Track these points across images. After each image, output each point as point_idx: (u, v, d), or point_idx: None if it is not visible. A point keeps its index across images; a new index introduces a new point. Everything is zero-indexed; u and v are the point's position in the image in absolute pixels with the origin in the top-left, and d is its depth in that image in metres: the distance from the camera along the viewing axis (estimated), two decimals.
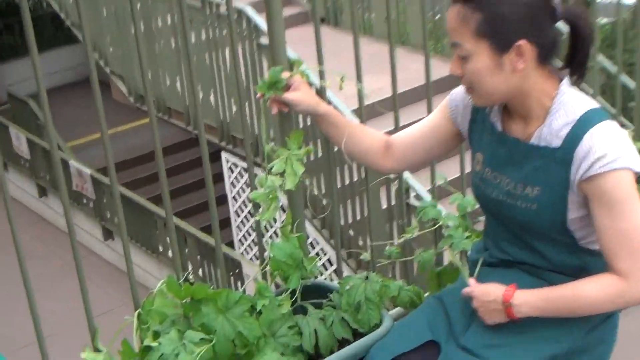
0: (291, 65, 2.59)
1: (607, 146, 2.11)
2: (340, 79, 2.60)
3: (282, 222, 2.61)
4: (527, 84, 2.21)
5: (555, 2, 2.18)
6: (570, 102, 2.20)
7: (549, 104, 2.22)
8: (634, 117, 3.76)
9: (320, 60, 2.77)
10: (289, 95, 2.52)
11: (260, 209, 2.54)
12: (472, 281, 2.35)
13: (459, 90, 2.47)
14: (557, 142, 2.19)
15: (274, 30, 2.66)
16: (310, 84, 2.59)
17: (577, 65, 2.26)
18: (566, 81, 2.24)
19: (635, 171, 2.13)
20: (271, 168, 2.54)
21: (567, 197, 2.19)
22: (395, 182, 2.87)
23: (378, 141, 2.61)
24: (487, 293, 2.29)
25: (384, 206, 6.55)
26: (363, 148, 2.60)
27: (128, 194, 9.91)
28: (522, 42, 2.14)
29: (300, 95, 2.53)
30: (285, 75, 2.54)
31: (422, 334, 2.43)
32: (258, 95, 2.54)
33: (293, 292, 2.54)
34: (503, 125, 2.33)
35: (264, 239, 2.71)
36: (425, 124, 2.57)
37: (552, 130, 2.20)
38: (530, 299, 2.24)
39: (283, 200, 2.64)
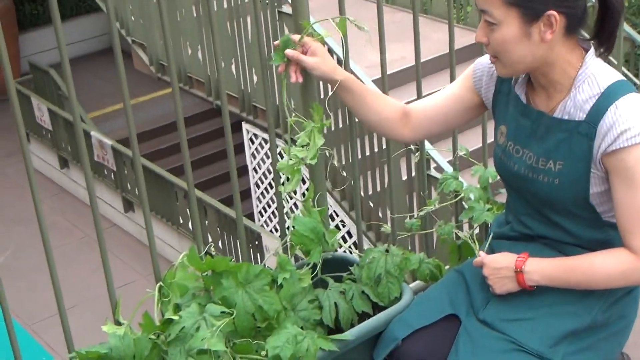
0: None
1: (631, 120, 2.11)
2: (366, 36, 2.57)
3: (303, 193, 2.62)
4: (553, 55, 2.20)
5: None
6: (595, 74, 2.20)
7: (573, 75, 2.21)
8: None
9: (344, 33, 2.74)
10: (308, 60, 2.49)
11: (282, 180, 2.55)
12: (482, 252, 2.37)
13: (484, 60, 2.46)
14: (581, 115, 2.19)
15: None
16: (324, 44, 2.56)
17: (605, 37, 2.25)
18: (592, 52, 2.23)
19: None
20: (295, 140, 2.54)
21: (590, 171, 2.19)
22: (417, 153, 2.84)
23: (396, 110, 2.60)
24: (498, 260, 2.32)
25: (404, 177, 6.55)
26: (381, 117, 2.59)
27: (149, 165, 9.91)
28: (552, 12, 2.13)
29: (317, 60, 2.50)
30: (295, 38, 2.51)
31: (443, 308, 2.44)
32: (279, 68, 2.52)
33: (314, 266, 2.55)
34: (528, 98, 2.33)
35: (284, 211, 2.70)
36: (446, 94, 2.56)
37: (577, 103, 2.20)
38: (542, 267, 2.26)
39: (304, 171, 2.64)
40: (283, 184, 2.57)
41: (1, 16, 13.15)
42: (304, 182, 6.99)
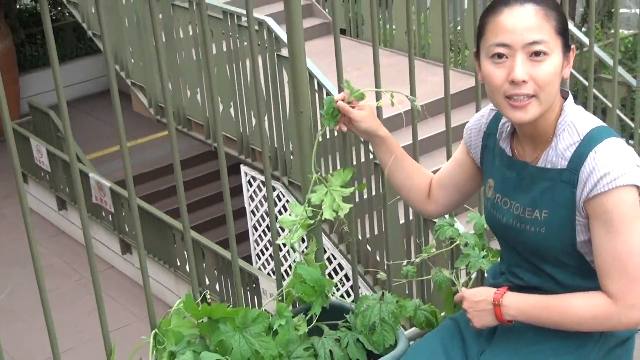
0: (315, 85, 2.57)
1: (610, 164, 2.11)
2: (391, 95, 2.56)
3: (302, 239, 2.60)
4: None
5: None
6: (575, 121, 2.21)
7: (554, 124, 2.23)
8: None
9: (339, 73, 2.75)
10: (355, 112, 2.50)
11: (285, 232, 2.54)
12: (463, 288, 2.38)
13: (473, 119, 2.47)
14: (563, 163, 2.20)
15: (294, 41, 2.67)
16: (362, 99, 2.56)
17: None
18: (570, 100, 2.24)
19: (638, 186, 2.12)
20: (309, 199, 2.54)
21: (575, 219, 2.19)
22: None
23: (426, 179, 2.62)
24: (478, 293, 2.31)
25: (402, 221, 6.54)
26: (412, 182, 2.61)
27: (146, 207, 9.91)
28: (573, 48, 2.17)
29: (364, 114, 2.51)
30: (346, 95, 2.52)
31: (437, 358, 2.41)
32: (337, 127, 2.54)
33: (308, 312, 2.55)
34: (512, 150, 2.33)
35: (281, 254, 2.70)
36: (452, 160, 2.59)
37: (558, 151, 2.21)
38: (518, 302, 2.25)
39: None
40: (284, 232, 2.56)
41: (2, 57, 13.26)
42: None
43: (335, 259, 7.92)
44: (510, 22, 2.13)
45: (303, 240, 2.69)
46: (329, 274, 5.71)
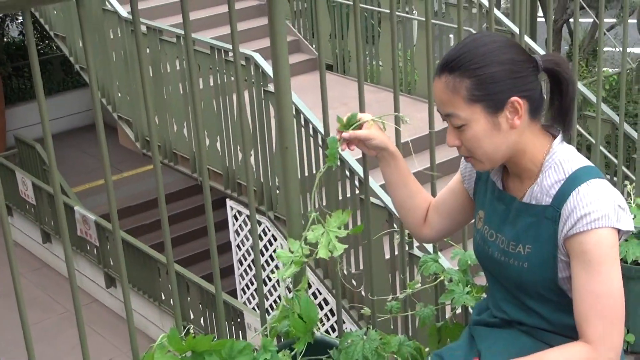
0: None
1: (591, 204, 2.12)
2: (382, 123, 2.57)
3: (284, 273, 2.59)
4: (523, 141, 2.23)
5: (535, 55, 2.21)
6: (562, 160, 2.22)
7: (541, 161, 2.24)
8: (637, 169, 3.75)
9: (324, 108, 2.76)
10: (364, 132, 2.49)
11: (280, 270, 2.53)
12: None
13: None
14: (547, 200, 2.21)
15: (279, 77, 2.68)
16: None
17: (563, 113, 2.27)
18: (559, 139, 2.26)
19: (620, 230, 2.14)
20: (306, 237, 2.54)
21: (556, 255, 2.20)
22: (398, 235, 2.85)
23: (424, 205, 2.62)
24: None
25: (387, 256, 6.53)
26: (414, 202, 2.61)
27: (131, 240, 9.89)
28: (515, 98, 2.16)
29: (373, 132, 2.50)
30: (362, 117, 2.53)
31: None
32: (342, 146, 2.53)
33: (293, 347, 2.54)
34: (503, 183, 2.34)
35: (265, 289, 2.69)
36: (447, 188, 2.59)
37: (543, 188, 2.22)
38: None
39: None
40: (270, 267, 2.56)
41: None
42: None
43: (320, 294, 7.90)
44: (434, 93, 2.25)
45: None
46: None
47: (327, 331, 7.65)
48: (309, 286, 2.70)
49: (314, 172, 7.01)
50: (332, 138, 2.55)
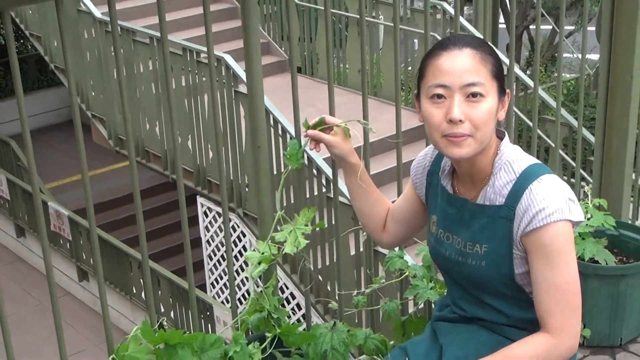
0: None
1: (545, 200, 2.15)
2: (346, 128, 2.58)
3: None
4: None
5: None
6: (511, 160, 2.25)
7: (492, 163, 2.27)
8: (594, 171, 3.78)
9: (296, 110, 2.77)
10: (328, 137, 2.50)
11: (249, 267, 2.54)
12: None
13: (418, 158, 2.50)
14: (500, 200, 2.23)
15: (252, 79, 2.69)
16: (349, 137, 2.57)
17: None
18: (506, 140, 2.29)
19: (573, 221, 2.17)
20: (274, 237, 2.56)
21: (512, 252, 2.23)
22: (364, 232, 2.86)
23: (384, 212, 2.64)
24: None
25: (353, 252, 6.56)
26: (373, 209, 2.62)
27: (104, 235, 9.86)
28: (508, 93, 2.22)
29: (337, 139, 2.51)
30: (329, 120, 2.53)
31: None
32: (311, 146, 2.54)
33: (263, 340, 2.54)
34: (453, 188, 2.36)
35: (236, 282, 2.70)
36: (402, 196, 2.61)
37: (496, 189, 2.25)
38: None
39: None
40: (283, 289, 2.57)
41: None
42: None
43: (287, 288, 7.91)
44: (449, 64, 2.17)
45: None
46: (282, 304, 5.74)
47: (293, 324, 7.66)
48: (276, 282, 2.70)
49: (282, 170, 7.01)
50: (292, 141, 2.57)
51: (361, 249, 6.32)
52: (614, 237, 3.43)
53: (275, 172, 6.98)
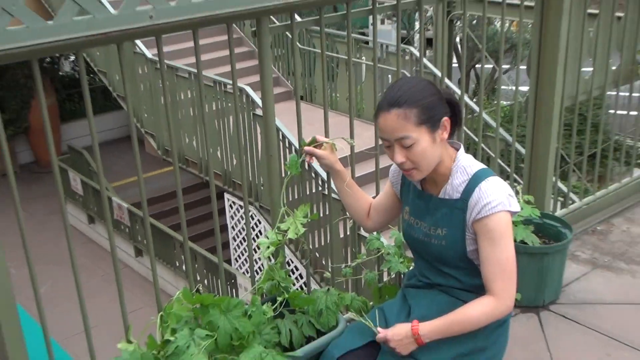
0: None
1: (491, 195, 2.17)
2: (333, 145, 2.58)
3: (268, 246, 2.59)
4: (443, 152, 2.25)
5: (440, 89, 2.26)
6: (465, 165, 2.27)
7: (450, 166, 2.27)
8: (524, 175, 3.79)
9: (299, 129, 2.77)
10: (319, 152, 2.52)
11: (262, 248, 2.53)
12: (380, 329, 2.31)
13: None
14: (457, 195, 2.25)
15: (266, 104, 2.67)
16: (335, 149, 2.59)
17: (456, 128, 2.31)
18: (462, 150, 2.30)
19: (512, 211, 2.19)
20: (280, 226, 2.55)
21: (465, 235, 2.24)
22: (351, 220, 2.85)
23: (367, 202, 2.63)
24: (399, 333, 2.26)
25: (342, 235, 6.55)
26: (357, 203, 2.62)
27: (154, 222, 9.85)
28: (445, 118, 2.20)
29: (326, 153, 2.53)
30: (319, 139, 2.55)
31: (367, 336, 2.42)
32: (307, 159, 2.55)
33: (274, 302, 2.54)
34: (421, 186, 2.38)
35: (255, 258, 2.69)
36: (382, 193, 2.61)
37: (453, 187, 2.26)
38: (431, 328, 2.23)
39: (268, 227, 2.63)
40: (258, 246, 2.56)
41: (48, 111, 13.13)
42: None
43: (292, 262, 7.91)
44: (383, 124, 2.18)
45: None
46: (288, 275, 5.66)
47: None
48: (284, 258, 2.69)
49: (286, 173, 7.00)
50: (292, 155, 2.58)
51: (348, 233, 6.31)
52: (539, 225, 3.43)
53: (283, 175, 6.97)
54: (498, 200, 2.16)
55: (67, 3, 2.00)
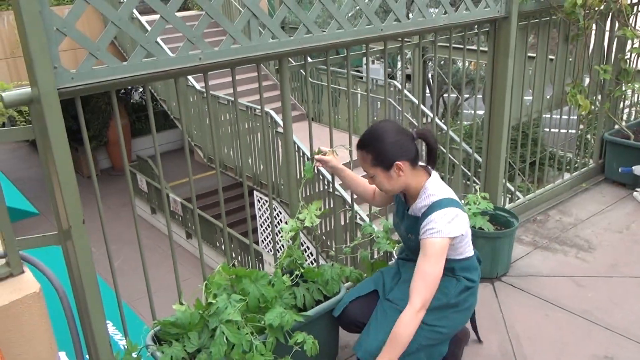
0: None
1: (434, 224, 2.11)
2: (334, 151, 2.59)
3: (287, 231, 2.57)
4: (409, 181, 2.22)
5: (412, 130, 2.20)
6: (429, 194, 2.20)
7: (419, 192, 2.23)
8: (481, 177, 3.76)
9: (311, 142, 2.75)
10: (326, 158, 2.54)
11: (283, 232, 2.52)
12: None
13: None
14: (418, 214, 2.22)
15: (286, 124, 2.66)
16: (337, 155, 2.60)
17: (432, 160, 2.27)
18: (432, 177, 2.23)
19: (449, 237, 2.11)
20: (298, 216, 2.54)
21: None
22: (350, 212, 2.83)
23: (370, 189, 2.60)
24: None
25: (343, 223, 6.54)
26: (360, 190, 2.60)
27: (201, 213, 9.85)
28: (397, 162, 2.15)
29: (332, 159, 2.54)
30: (323, 149, 2.56)
31: (370, 286, 2.45)
32: (315, 164, 2.54)
33: (292, 274, 2.53)
34: (405, 198, 2.35)
35: (277, 239, 2.67)
36: None
37: (417, 208, 2.23)
38: (383, 356, 2.09)
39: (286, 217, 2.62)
40: (280, 230, 2.55)
41: (123, 129, 13.23)
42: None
43: (305, 244, 7.89)
44: (357, 157, 2.22)
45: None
46: (302, 253, 5.65)
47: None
48: (299, 240, 2.68)
49: (302, 176, 6.98)
50: (308, 163, 2.57)
51: (347, 222, 6.28)
52: (493, 215, 3.40)
53: (298, 177, 6.96)
54: (438, 228, 2.10)
55: (138, 49, 2.00)
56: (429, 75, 13.33)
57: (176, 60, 2.08)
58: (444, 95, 14.56)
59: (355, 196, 2.80)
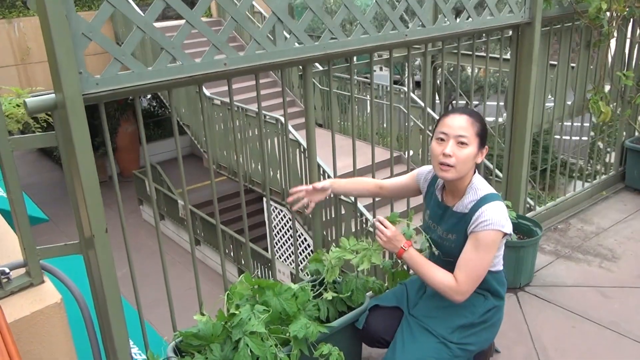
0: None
1: (488, 216, 2.07)
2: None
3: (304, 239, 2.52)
4: (471, 170, 2.17)
5: None
6: (477, 188, 2.16)
7: (466, 186, 2.18)
8: (502, 186, 3.70)
9: (334, 152, 2.69)
10: (315, 197, 2.54)
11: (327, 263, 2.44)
12: (389, 225, 2.23)
13: (423, 170, 2.41)
14: (465, 211, 2.15)
15: (310, 142, 2.62)
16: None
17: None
18: (477, 174, 2.20)
19: (504, 232, 2.08)
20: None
21: (466, 240, 2.14)
22: (360, 217, 2.78)
23: (370, 185, 2.56)
24: (397, 238, 2.20)
25: (353, 230, 6.47)
26: (362, 191, 2.56)
27: (208, 219, 9.78)
28: (487, 147, 2.14)
29: (319, 197, 2.55)
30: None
31: (391, 300, 2.40)
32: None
33: (315, 283, 2.47)
34: (442, 197, 2.28)
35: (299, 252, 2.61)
36: (402, 180, 2.51)
37: (464, 203, 2.17)
38: (412, 256, 2.17)
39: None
40: (300, 236, 2.49)
41: (133, 135, 13.25)
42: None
43: (307, 240, 7.81)
44: (450, 121, 2.11)
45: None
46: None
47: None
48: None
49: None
50: (406, 229, 2.48)
51: (358, 228, 6.22)
52: (515, 224, 3.34)
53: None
54: (491, 220, 2.06)
55: (163, 54, 1.95)
56: (438, 82, 13.29)
57: (201, 66, 2.04)
58: (453, 102, 14.50)
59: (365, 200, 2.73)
